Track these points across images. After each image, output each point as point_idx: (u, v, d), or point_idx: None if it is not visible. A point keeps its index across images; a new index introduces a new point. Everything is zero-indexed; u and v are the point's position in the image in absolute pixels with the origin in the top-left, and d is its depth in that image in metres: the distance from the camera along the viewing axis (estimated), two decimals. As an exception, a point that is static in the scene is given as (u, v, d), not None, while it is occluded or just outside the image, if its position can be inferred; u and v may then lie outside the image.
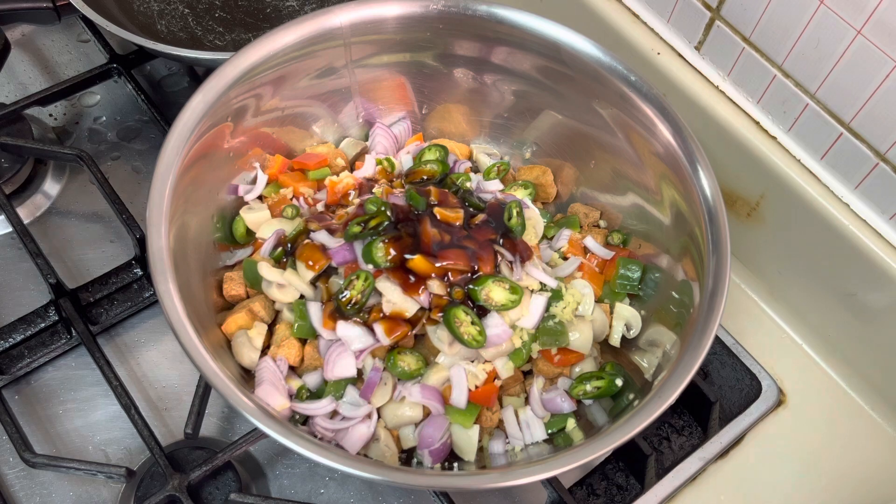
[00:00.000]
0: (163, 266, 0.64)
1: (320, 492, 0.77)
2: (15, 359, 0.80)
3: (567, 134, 0.85)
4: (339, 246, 0.74)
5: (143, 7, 1.00)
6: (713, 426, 0.81)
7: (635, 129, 0.78)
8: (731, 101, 0.85)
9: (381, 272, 0.72)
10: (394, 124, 0.89)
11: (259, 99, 0.78)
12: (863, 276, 0.80)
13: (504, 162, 0.89)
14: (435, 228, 0.73)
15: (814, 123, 0.79)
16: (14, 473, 0.76)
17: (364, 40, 0.80)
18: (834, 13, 0.71)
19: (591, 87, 0.79)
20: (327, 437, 0.70)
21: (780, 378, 0.87)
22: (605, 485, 0.79)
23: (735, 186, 0.88)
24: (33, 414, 0.79)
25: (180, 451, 0.76)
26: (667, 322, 0.76)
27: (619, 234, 0.84)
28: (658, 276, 0.79)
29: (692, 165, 0.73)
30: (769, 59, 0.80)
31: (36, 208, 0.91)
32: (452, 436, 0.73)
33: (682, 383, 0.65)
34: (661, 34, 0.89)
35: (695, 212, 0.73)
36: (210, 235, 0.77)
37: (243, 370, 0.73)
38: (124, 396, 0.75)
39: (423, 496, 0.78)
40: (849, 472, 0.83)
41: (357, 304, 0.71)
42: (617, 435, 0.64)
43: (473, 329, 0.72)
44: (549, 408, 0.76)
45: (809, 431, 0.85)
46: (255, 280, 0.75)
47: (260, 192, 0.81)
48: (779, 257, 0.89)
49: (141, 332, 0.84)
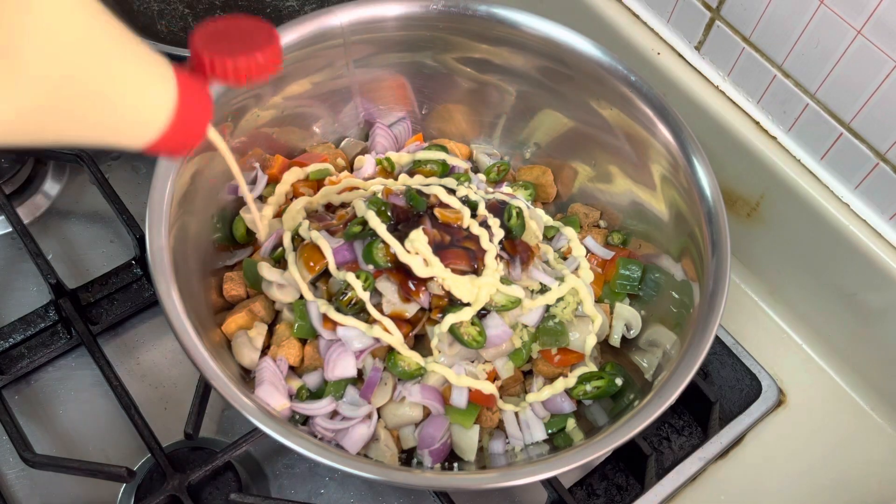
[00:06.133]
0: (163, 266, 0.64)
1: (320, 492, 0.77)
2: (15, 359, 0.80)
3: (567, 134, 0.85)
4: (339, 246, 0.74)
5: (142, 7, 1.00)
6: (713, 426, 0.81)
7: (635, 129, 0.78)
8: (731, 101, 0.85)
9: (381, 272, 0.72)
10: (394, 124, 0.89)
11: (259, 99, 0.78)
12: (863, 276, 0.80)
13: (504, 162, 0.89)
14: (435, 229, 0.73)
15: (814, 123, 0.79)
16: (14, 473, 0.76)
17: (364, 40, 0.80)
18: (834, 13, 0.71)
19: (591, 87, 0.79)
20: (327, 437, 0.70)
21: (780, 378, 0.87)
22: (605, 485, 0.79)
23: (735, 186, 0.88)
24: (33, 414, 0.79)
25: (180, 451, 0.76)
26: (667, 322, 0.76)
27: (619, 234, 0.84)
28: (658, 276, 0.79)
29: (692, 166, 0.73)
30: (769, 59, 0.80)
31: (36, 208, 0.91)
32: (452, 436, 0.73)
33: (682, 383, 0.65)
34: (661, 34, 0.89)
35: (695, 212, 0.73)
36: (210, 235, 0.77)
37: (243, 370, 0.73)
38: (124, 396, 0.75)
39: (423, 496, 0.78)
40: (849, 472, 0.83)
41: (357, 304, 0.71)
42: (617, 435, 0.64)
43: (473, 329, 0.72)
44: (549, 408, 0.76)
45: (809, 431, 0.85)
46: (255, 280, 0.75)
47: (260, 191, 0.81)
48: (779, 257, 0.89)
49: (141, 332, 0.84)
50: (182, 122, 0.48)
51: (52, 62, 0.39)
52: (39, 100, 0.40)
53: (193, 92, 0.49)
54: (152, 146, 0.48)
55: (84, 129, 0.45)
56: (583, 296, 0.78)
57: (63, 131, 0.43)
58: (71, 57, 0.40)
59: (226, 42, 0.50)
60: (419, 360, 0.72)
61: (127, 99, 0.45)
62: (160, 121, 0.47)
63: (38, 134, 0.42)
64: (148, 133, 0.47)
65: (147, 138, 0.48)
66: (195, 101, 0.49)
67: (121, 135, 0.47)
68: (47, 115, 0.41)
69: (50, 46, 0.39)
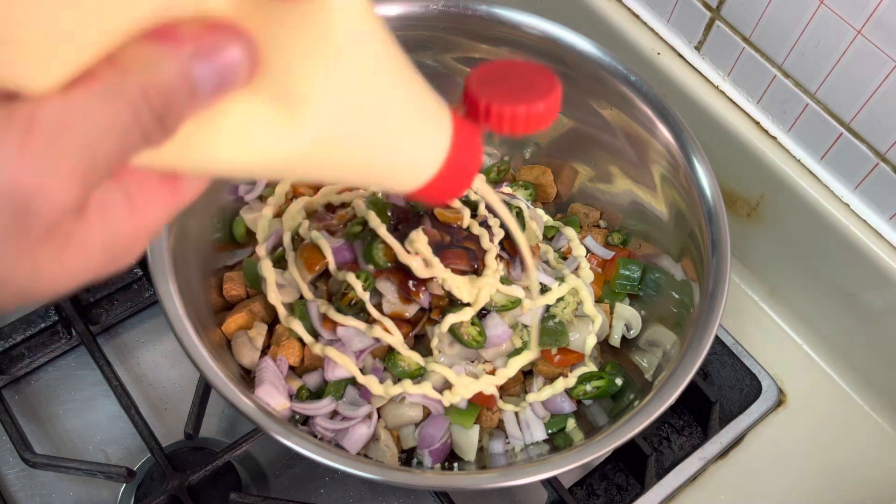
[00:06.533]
0: (163, 266, 0.64)
1: (320, 492, 0.77)
2: (15, 359, 0.80)
3: (567, 134, 0.85)
4: (339, 246, 0.74)
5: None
6: (713, 426, 0.81)
7: (635, 129, 0.78)
8: (731, 101, 0.85)
9: (381, 272, 0.72)
10: (394, 124, 0.89)
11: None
12: (863, 277, 0.80)
13: (504, 162, 0.89)
14: (435, 229, 0.73)
15: (814, 123, 0.79)
16: (14, 473, 0.76)
17: (364, 40, 0.80)
18: (834, 13, 0.71)
19: (591, 87, 0.79)
20: (327, 437, 0.70)
21: (780, 378, 0.87)
22: (605, 485, 0.79)
23: (735, 186, 0.88)
24: (33, 414, 0.79)
25: (180, 451, 0.76)
26: (667, 322, 0.76)
27: (619, 234, 0.84)
28: (658, 276, 0.79)
29: (692, 166, 0.73)
30: (769, 59, 0.80)
31: (36, 208, 0.91)
32: (452, 436, 0.73)
33: (682, 383, 0.65)
34: (661, 34, 0.89)
35: (695, 212, 0.73)
36: (210, 235, 0.77)
37: (243, 370, 0.73)
38: (124, 396, 0.75)
39: (423, 496, 0.78)
40: (849, 472, 0.83)
41: (357, 304, 0.71)
42: (617, 435, 0.64)
43: (473, 329, 0.72)
44: (549, 408, 0.76)
45: (809, 431, 0.85)
46: (255, 280, 0.75)
47: (260, 191, 0.81)
48: (779, 257, 0.89)
49: (141, 332, 0.84)
50: (452, 169, 0.45)
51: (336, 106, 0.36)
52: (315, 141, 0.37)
53: (466, 138, 0.45)
54: (418, 192, 0.45)
55: (355, 172, 0.42)
56: (583, 296, 0.78)
57: (333, 172, 0.41)
58: (354, 101, 0.37)
59: (504, 87, 0.45)
60: (419, 360, 0.72)
61: (405, 142, 0.42)
62: (432, 167, 0.44)
63: (308, 174, 0.40)
64: (418, 179, 0.44)
65: (416, 184, 0.45)
66: (467, 148, 0.45)
67: (391, 179, 0.44)
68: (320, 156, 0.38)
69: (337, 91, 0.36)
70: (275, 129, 0.35)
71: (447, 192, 0.46)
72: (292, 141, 0.36)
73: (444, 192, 0.46)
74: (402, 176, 0.44)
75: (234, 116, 0.35)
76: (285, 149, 0.36)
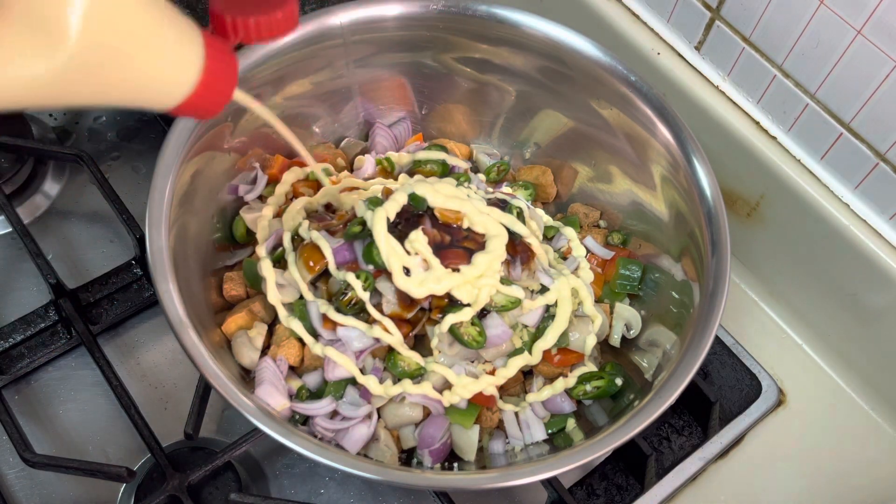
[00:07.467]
0: (163, 266, 0.64)
1: (320, 492, 0.77)
2: (15, 359, 0.80)
3: (567, 134, 0.85)
4: (339, 246, 0.74)
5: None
6: (713, 426, 0.81)
7: (635, 129, 0.78)
8: (731, 101, 0.85)
9: (381, 272, 0.72)
10: (394, 124, 0.89)
11: (259, 99, 0.77)
12: (863, 277, 0.80)
13: (504, 162, 0.89)
14: (435, 229, 0.73)
15: (814, 123, 0.79)
16: (14, 473, 0.76)
17: (364, 40, 0.80)
18: (834, 13, 0.71)
19: (591, 87, 0.79)
20: (327, 437, 0.70)
21: (780, 378, 0.87)
22: (605, 485, 0.79)
23: (735, 186, 0.88)
24: (33, 414, 0.79)
25: (180, 451, 0.76)
26: (667, 322, 0.76)
27: (619, 234, 0.84)
28: (658, 276, 0.79)
29: (692, 166, 0.73)
30: (769, 59, 0.80)
31: (36, 208, 0.91)
32: (452, 436, 0.73)
33: (682, 383, 0.65)
34: (661, 34, 0.89)
35: (695, 212, 0.73)
36: (210, 235, 0.77)
37: (243, 370, 0.73)
38: (124, 396, 0.75)
39: (423, 496, 0.78)
40: (849, 472, 0.83)
41: (357, 304, 0.71)
42: (617, 435, 0.64)
43: (473, 329, 0.72)
44: (549, 408, 0.76)
45: (809, 431, 0.85)
46: (255, 280, 0.75)
47: (260, 191, 0.81)
48: (779, 257, 0.89)
49: (141, 332, 0.84)
50: (210, 84, 0.49)
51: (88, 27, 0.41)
52: (73, 63, 0.41)
53: (220, 54, 0.50)
54: (180, 108, 0.50)
55: (115, 91, 0.46)
56: (583, 296, 0.78)
57: (95, 94, 0.45)
58: (106, 21, 0.42)
59: (243, 4, 0.51)
60: (419, 360, 0.72)
61: (158, 60, 0.47)
62: (189, 82, 0.49)
63: (71, 97, 0.44)
64: (177, 94, 0.49)
65: (176, 100, 0.49)
66: (222, 63, 0.50)
67: (151, 96, 0.49)
68: (80, 77, 0.43)
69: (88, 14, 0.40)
70: (33, 55, 0.40)
71: (208, 107, 0.51)
72: (50, 64, 0.41)
73: (204, 107, 0.51)
74: (161, 93, 0.49)
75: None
76: (45, 73, 0.41)
